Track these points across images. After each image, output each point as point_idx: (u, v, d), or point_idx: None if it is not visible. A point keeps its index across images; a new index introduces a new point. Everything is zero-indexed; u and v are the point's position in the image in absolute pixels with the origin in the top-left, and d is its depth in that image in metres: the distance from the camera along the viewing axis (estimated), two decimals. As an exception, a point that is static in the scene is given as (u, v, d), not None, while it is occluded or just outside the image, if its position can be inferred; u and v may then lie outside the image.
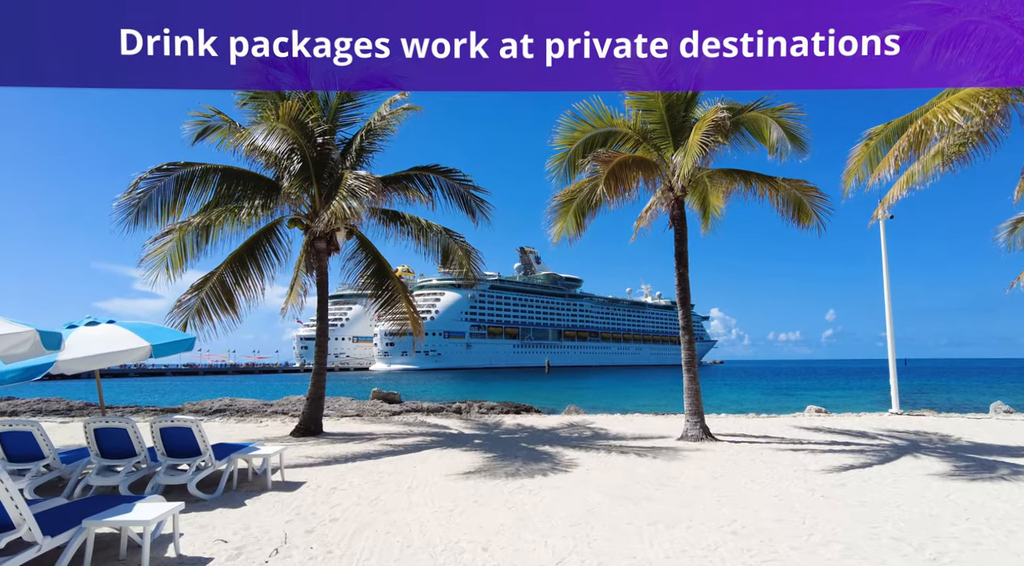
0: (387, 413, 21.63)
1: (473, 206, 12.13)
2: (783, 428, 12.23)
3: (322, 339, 11.66)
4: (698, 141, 9.17)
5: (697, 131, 9.45)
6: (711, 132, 9.15)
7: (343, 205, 9.49)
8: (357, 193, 9.48)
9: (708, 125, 9.18)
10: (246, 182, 11.12)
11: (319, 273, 11.76)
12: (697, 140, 9.20)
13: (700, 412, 10.55)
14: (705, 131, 9.15)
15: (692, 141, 9.36)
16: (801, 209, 11.27)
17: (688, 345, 10.79)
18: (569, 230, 12.20)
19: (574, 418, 14.16)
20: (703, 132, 9.18)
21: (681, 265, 11.03)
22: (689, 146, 9.37)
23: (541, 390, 47.22)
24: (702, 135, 9.16)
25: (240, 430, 12.38)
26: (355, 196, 9.46)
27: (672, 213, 11.19)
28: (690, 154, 9.21)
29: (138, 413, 20.32)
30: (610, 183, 9.55)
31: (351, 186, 9.60)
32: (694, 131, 9.62)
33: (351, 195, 9.48)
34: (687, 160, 9.20)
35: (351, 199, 9.43)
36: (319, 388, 11.58)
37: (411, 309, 12.20)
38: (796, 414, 15.64)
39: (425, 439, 10.82)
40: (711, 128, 9.16)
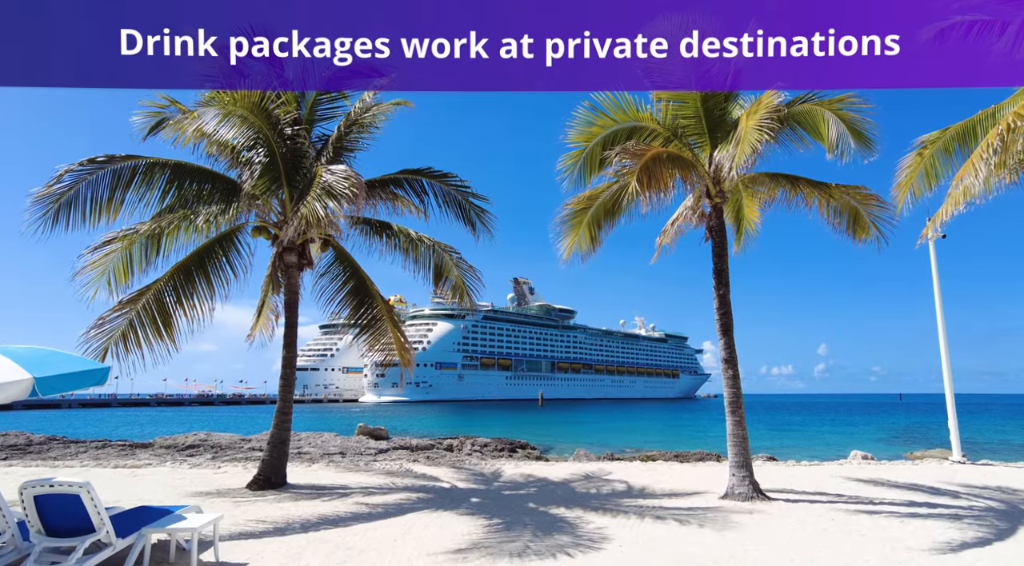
0: (372, 452, 19.84)
1: (473, 216, 10.36)
2: (835, 481, 10.29)
3: (288, 371, 9.71)
4: (755, 125, 7.50)
5: (750, 116, 7.79)
6: (769, 117, 7.49)
7: (316, 206, 7.70)
8: (334, 191, 7.68)
9: (764, 110, 7.53)
10: (202, 182, 9.32)
11: (288, 292, 9.88)
12: (754, 124, 7.53)
13: (748, 464, 8.63)
14: (763, 115, 7.49)
15: (747, 126, 7.69)
16: (857, 220, 9.60)
17: (732, 381, 8.93)
18: (582, 244, 10.45)
19: (587, 467, 12.15)
20: (760, 116, 7.52)
21: (721, 285, 9.24)
22: (743, 132, 7.68)
23: (536, 425, 45.15)
24: (759, 119, 7.50)
25: (190, 479, 10.32)
26: (331, 195, 7.66)
27: (709, 223, 9.45)
28: (746, 141, 7.51)
29: (105, 448, 18.36)
30: (643, 179, 7.80)
31: (326, 182, 7.82)
32: (745, 117, 7.95)
33: (326, 194, 7.68)
34: (742, 148, 7.49)
35: (326, 199, 7.63)
36: (283, 430, 9.59)
37: (397, 334, 10.27)
38: (841, 461, 13.68)
39: (410, 496, 8.81)
40: (768, 114, 7.51)
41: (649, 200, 8.09)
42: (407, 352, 10.37)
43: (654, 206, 8.29)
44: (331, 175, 7.91)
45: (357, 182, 7.73)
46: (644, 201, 8.14)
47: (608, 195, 10.06)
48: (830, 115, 8.35)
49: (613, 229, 10.34)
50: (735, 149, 7.68)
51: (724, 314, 9.14)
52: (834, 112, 8.37)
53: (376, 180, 10.19)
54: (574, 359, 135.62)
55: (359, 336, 10.19)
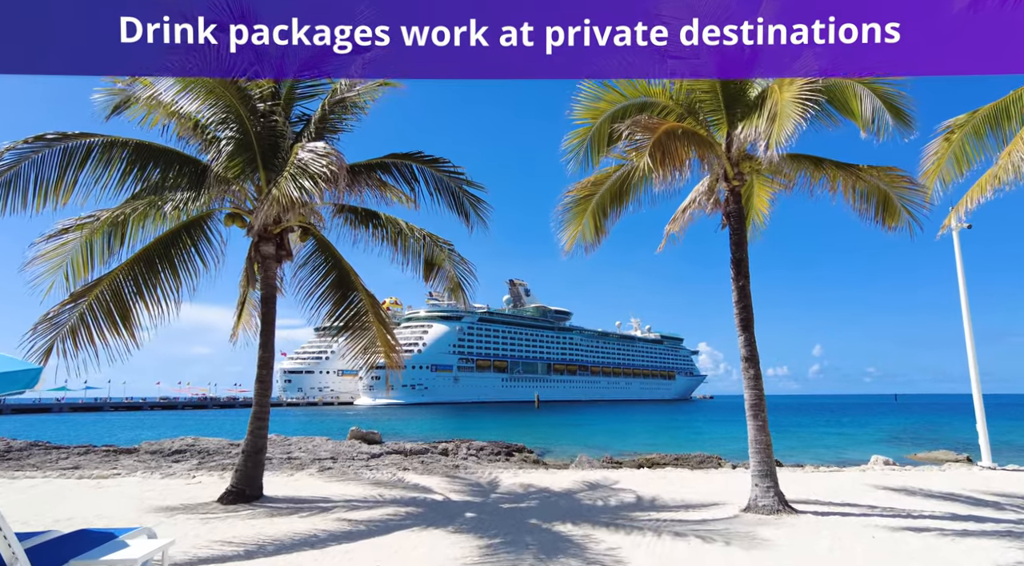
0: (365, 456, 19.03)
1: (466, 205, 9.50)
2: (862, 489, 9.48)
3: (264, 373, 8.83)
4: (793, 98, 6.68)
5: (785, 88, 6.97)
6: (810, 88, 6.69)
7: (289, 188, 6.83)
8: (310, 171, 6.81)
9: (803, 80, 6.72)
10: (169, 164, 8.44)
11: (265, 285, 9.01)
12: (792, 96, 6.71)
13: (773, 473, 7.79)
14: (802, 86, 6.69)
15: (783, 99, 6.85)
16: (887, 206, 8.79)
17: (753, 382, 8.08)
18: (586, 234, 9.63)
19: (591, 475, 11.29)
20: (799, 87, 6.71)
21: (740, 275, 8.41)
22: (780, 106, 6.81)
23: (533, 427, 44.34)
24: (798, 91, 6.69)
25: (160, 491, 9.43)
26: (307, 175, 6.78)
27: (726, 209, 8.62)
28: (785, 116, 6.63)
29: (88, 454, 17.42)
30: (656, 155, 6.94)
31: (302, 161, 6.94)
32: (778, 90, 7.11)
33: (301, 173, 6.80)
34: (781, 125, 6.59)
35: (302, 179, 6.76)
36: (259, 438, 8.70)
37: (384, 331, 9.37)
38: (863, 467, 12.83)
39: (398, 511, 7.93)
40: (808, 84, 6.71)
41: (663, 179, 7.21)
42: (395, 351, 9.48)
43: (668, 186, 7.43)
44: (307, 153, 7.03)
45: (337, 161, 6.86)
46: (657, 179, 7.27)
47: (615, 179, 9.25)
48: (863, 89, 7.54)
49: (620, 217, 9.54)
50: (771, 125, 6.81)
51: (744, 308, 8.31)
52: (867, 86, 7.57)
53: (361, 164, 9.32)
54: (570, 361, 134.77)
55: (341, 333, 9.29)
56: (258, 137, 8.36)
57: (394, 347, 9.45)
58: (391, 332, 9.50)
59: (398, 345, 9.62)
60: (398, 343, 9.64)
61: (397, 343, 9.61)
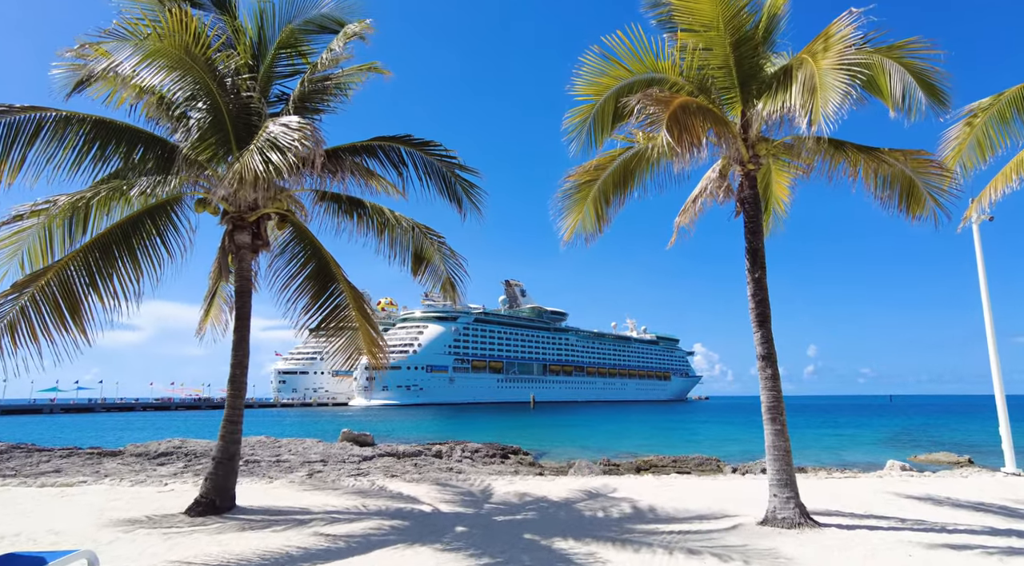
0: (356, 459, 18.42)
1: (459, 191, 8.79)
2: (885, 498, 8.81)
3: (238, 372, 8.08)
4: (834, 65, 6.00)
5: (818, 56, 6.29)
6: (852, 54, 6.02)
7: (254, 160, 6.09)
8: (279, 144, 6.09)
9: (841, 44, 6.06)
10: (133, 144, 7.70)
11: (240, 277, 8.28)
12: (832, 64, 6.03)
13: (793, 483, 7.10)
14: (841, 51, 6.02)
15: (819, 67, 6.15)
16: (912, 193, 8.10)
17: (771, 382, 7.39)
18: (586, 224, 8.96)
19: (590, 482, 10.58)
20: (837, 52, 6.04)
21: (756, 266, 7.72)
22: (818, 76, 6.07)
23: (528, 428, 43.70)
24: (838, 56, 6.02)
25: (126, 501, 8.69)
26: (276, 148, 6.06)
27: (741, 195, 7.94)
28: (827, 87, 5.91)
29: (71, 457, 16.85)
30: (673, 129, 6.23)
31: (272, 134, 6.22)
32: (809, 58, 6.40)
33: (271, 147, 6.08)
34: (823, 96, 5.86)
35: (270, 152, 6.03)
36: (231, 444, 7.96)
37: (367, 326, 8.62)
38: (880, 473, 12.16)
39: (381, 525, 7.21)
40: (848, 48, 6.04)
41: (681, 157, 6.49)
42: (378, 348, 8.73)
43: (685, 165, 6.71)
44: (279, 126, 6.31)
45: (311, 134, 6.13)
46: (676, 158, 6.54)
47: (620, 163, 8.57)
48: (892, 64, 6.88)
49: (624, 204, 8.86)
50: (810, 98, 6.08)
51: (760, 302, 7.62)
52: (896, 61, 6.91)
53: (344, 147, 8.61)
54: (566, 361, 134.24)
55: (320, 328, 8.56)
56: (231, 116, 7.63)
57: (378, 343, 8.71)
58: (376, 328, 8.76)
59: (384, 342, 8.88)
60: (383, 340, 8.91)
61: (383, 340, 8.87)
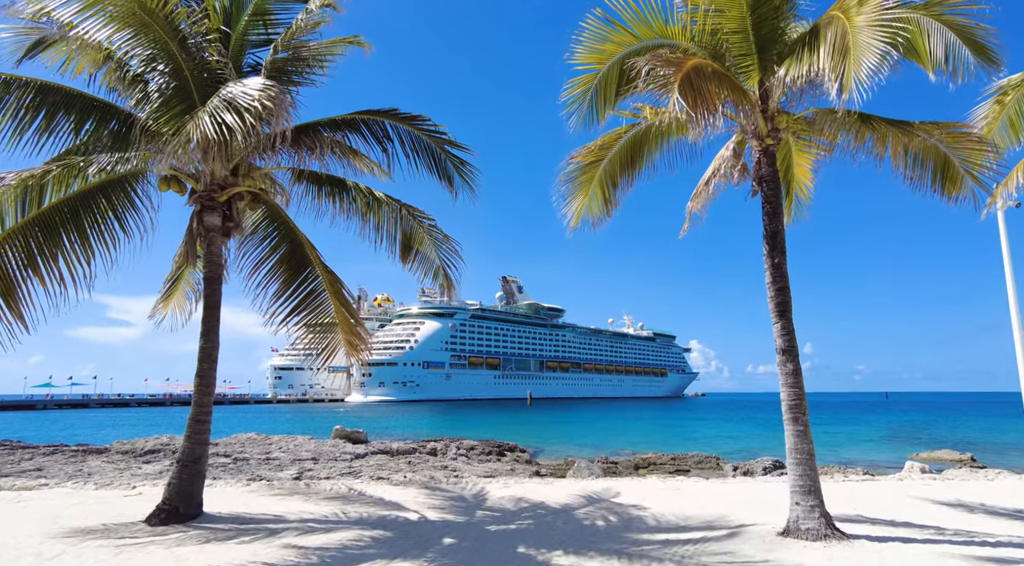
0: (349, 456, 17.69)
1: (449, 168, 8.06)
2: (913, 504, 8.14)
3: (207, 366, 7.35)
4: (871, 22, 5.30)
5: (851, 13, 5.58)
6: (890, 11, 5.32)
7: (204, 121, 5.33)
8: (236, 104, 5.34)
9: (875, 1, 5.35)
10: (86, 113, 6.95)
11: (209, 263, 7.54)
12: (870, 20, 5.33)
13: (818, 490, 6.41)
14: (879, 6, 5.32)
15: (852, 26, 5.43)
16: (946, 172, 7.40)
17: (792, 378, 6.68)
18: (593, 208, 8.26)
19: (591, 486, 9.88)
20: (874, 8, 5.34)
21: (776, 251, 7.02)
22: (851, 35, 5.36)
23: (525, 425, 43.14)
24: (876, 12, 5.32)
25: (87, 507, 7.96)
26: (232, 108, 5.31)
27: (758, 173, 7.22)
28: (861, 47, 5.18)
29: (55, 454, 16.29)
30: (687, 93, 5.52)
31: (230, 94, 5.47)
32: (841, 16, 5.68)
33: (226, 107, 5.33)
34: (856, 57, 5.15)
35: (225, 113, 5.28)
36: (197, 445, 7.24)
37: (345, 315, 7.87)
38: (899, 476, 11.49)
39: (361, 535, 6.49)
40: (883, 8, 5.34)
41: (696, 124, 5.75)
42: (358, 338, 7.99)
43: (700, 135, 5.97)
44: (238, 87, 5.56)
45: (276, 95, 5.39)
46: (690, 125, 5.80)
47: (626, 141, 7.86)
48: (930, 23, 6.16)
49: (632, 185, 8.15)
50: (842, 60, 5.35)
51: (780, 290, 6.92)
52: (936, 18, 6.20)
53: (323, 121, 7.87)
54: (563, 358, 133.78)
55: (291, 316, 7.80)
56: (198, 82, 6.87)
57: (357, 331, 7.96)
58: (356, 316, 8.01)
59: (365, 331, 8.15)
60: (365, 329, 8.17)
61: (364, 329, 8.13)
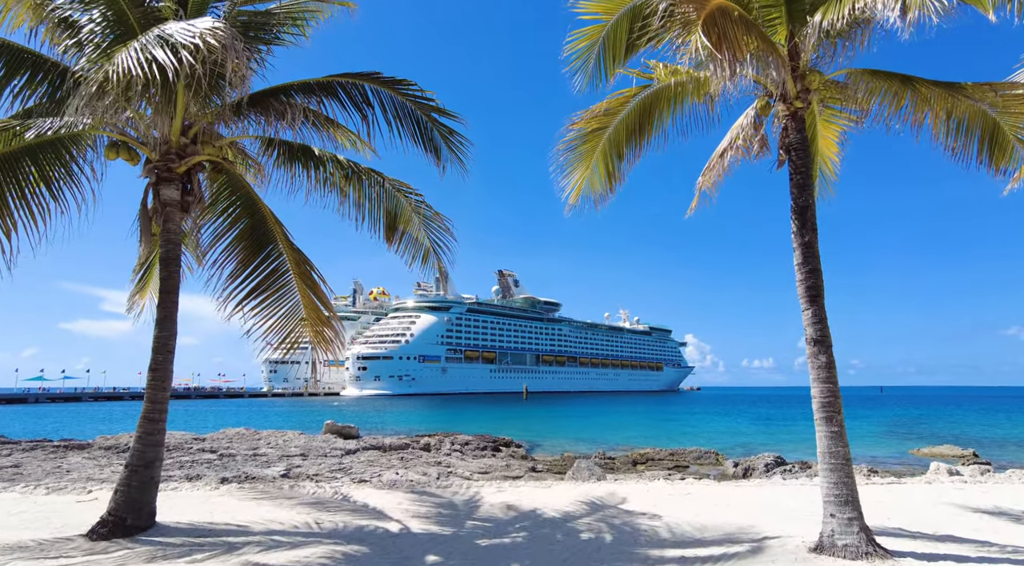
0: (339, 452, 17.03)
1: (436, 137, 7.19)
2: (946, 511, 7.35)
3: (161, 358, 6.47)
4: None
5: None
6: None
7: (128, 57, 4.43)
8: (173, 40, 4.42)
9: None
10: (15, 64, 6.05)
11: (166, 242, 6.65)
12: None
13: (856, 500, 5.59)
14: None
15: None
16: (995, 140, 6.58)
17: (825, 372, 5.86)
18: (595, 183, 7.42)
19: (593, 490, 9.04)
20: None
21: (806, 228, 6.17)
22: None
23: (521, 419, 42.48)
24: None
25: (29, 514, 7.11)
26: (168, 45, 4.40)
27: (785, 140, 6.37)
28: None
29: (35, 450, 15.64)
30: (711, 32, 4.66)
31: (168, 30, 4.55)
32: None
33: (159, 42, 4.42)
34: None
35: (156, 48, 4.38)
36: (149, 447, 6.38)
37: (311, 298, 6.95)
38: (927, 479, 10.68)
39: (335, 552, 5.63)
40: None
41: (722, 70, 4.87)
42: (327, 325, 7.09)
43: (727, 79, 5.06)
44: (178, 23, 4.65)
45: (224, 36, 4.47)
46: (716, 73, 4.90)
47: (634, 106, 7.00)
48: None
49: (640, 157, 7.30)
50: None
51: (811, 272, 6.08)
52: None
53: (296, 84, 6.98)
54: (559, 352, 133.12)
55: (248, 299, 6.88)
56: (144, 28, 5.95)
57: (325, 318, 7.05)
58: (326, 301, 7.10)
59: (337, 319, 7.24)
60: (336, 316, 7.26)
61: (335, 316, 7.22)
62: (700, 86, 6.70)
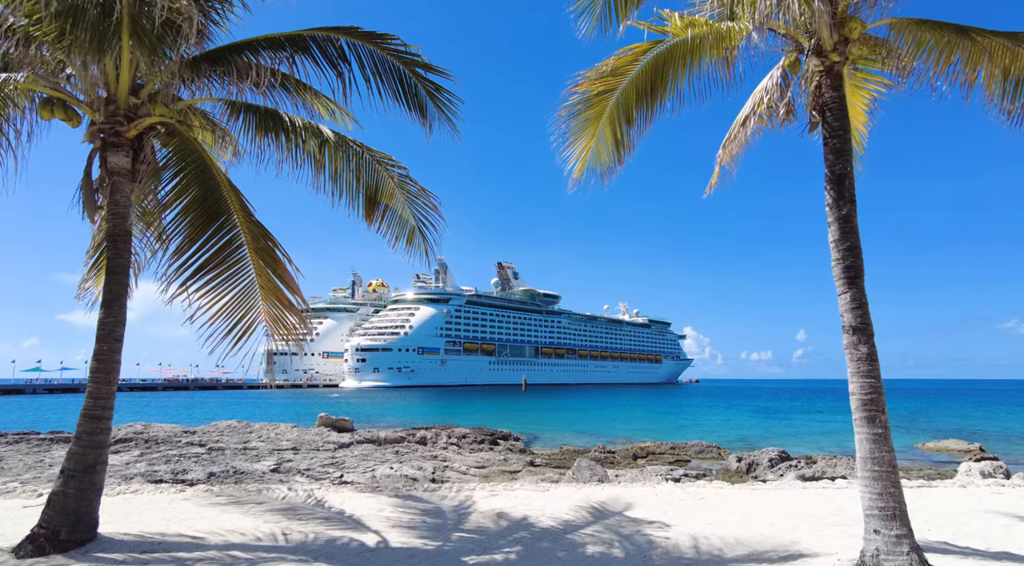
0: (332, 446, 16.56)
1: (421, 94, 6.35)
2: (990, 521, 6.58)
3: (107, 346, 5.67)
4: None
5: None
6: None
7: None
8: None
9: None
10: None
11: (114, 215, 5.84)
12: None
13: (904, 513, 4.80)
14: None
15: None
16: (1055, 101, 5.76)
17: (867, 364, 5.06)
18: (601, 153, 6.59)
19: (595, 493, 8.25)
20: None
21: (843, 200, 5.34)
22: None
23: (519, 412, 41.91)
24: None
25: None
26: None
27: (819, 100, 5.53)
28: None
29: (20, 443, 15.13)
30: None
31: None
32: None
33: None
34: None
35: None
36: (90, 449, 5.58)
37: (271, 278, 6.08)
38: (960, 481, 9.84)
39: (294, 572, 4.89)
40: None
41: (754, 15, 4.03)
42: (291, 310, 6.26)
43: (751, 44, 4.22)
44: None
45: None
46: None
47: (646, 64, 6.14)
48: None
49: (652, 122, 6.43)
50: None
51: (850, 250, 5.26)
52: None
53: (262, 39, 6.13)
54: (558, 344, 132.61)
55: (194, 278, 6.03)
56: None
57: (287, 302, 6.21)
58: (291, 283, 6.21)
59: (304, 303, 6.39)
60: (303, 299, 6.38)
61: (302, 299, 6.34)
62: (720, 40, 5.86)
